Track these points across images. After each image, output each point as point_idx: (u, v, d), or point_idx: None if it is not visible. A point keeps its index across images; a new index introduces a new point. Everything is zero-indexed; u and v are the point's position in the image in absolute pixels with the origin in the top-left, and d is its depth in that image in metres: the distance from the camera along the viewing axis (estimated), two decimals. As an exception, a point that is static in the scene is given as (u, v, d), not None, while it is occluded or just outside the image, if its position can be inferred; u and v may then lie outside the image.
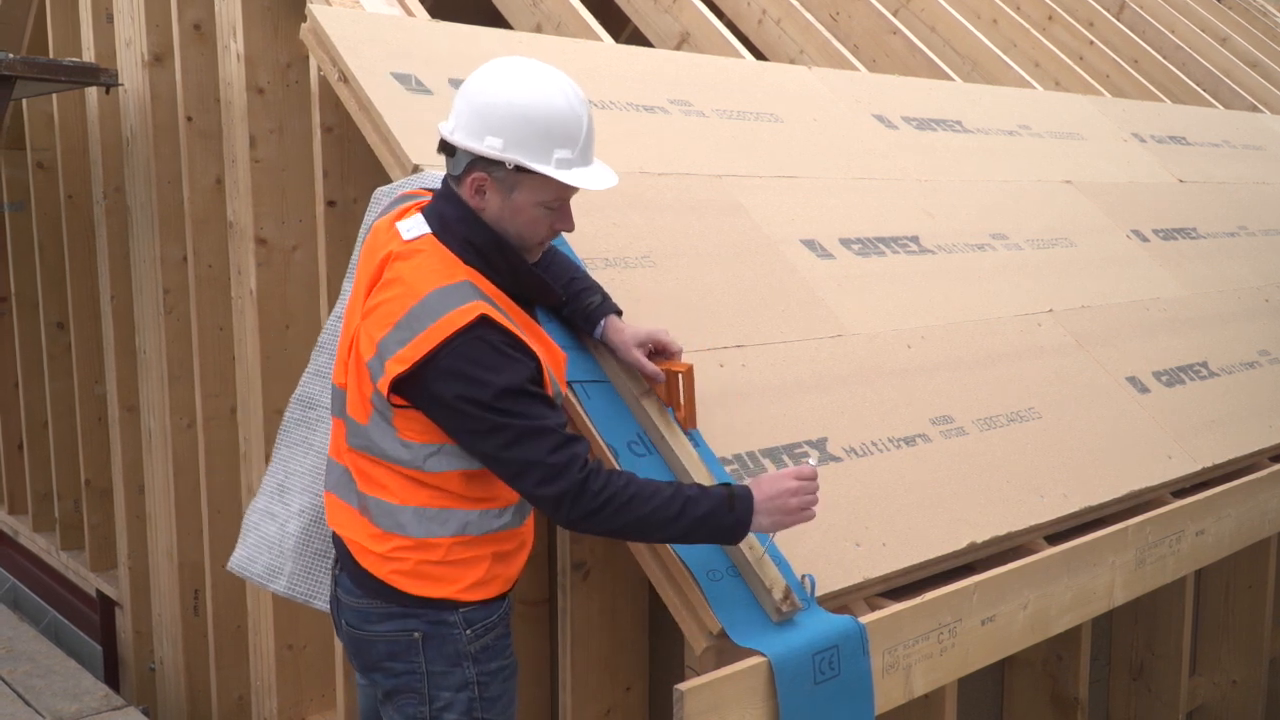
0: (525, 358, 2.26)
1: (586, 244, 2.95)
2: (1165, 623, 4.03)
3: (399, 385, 2.27)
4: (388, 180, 2.97)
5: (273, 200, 3.85)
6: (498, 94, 2.29)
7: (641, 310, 2.88)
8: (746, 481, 2.34)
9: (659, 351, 2.59)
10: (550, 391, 2.33)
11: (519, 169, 2.29)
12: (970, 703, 3.57)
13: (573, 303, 2.65)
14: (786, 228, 3.51)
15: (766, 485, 2.31)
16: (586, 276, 2.70)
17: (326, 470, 2.56)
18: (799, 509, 2.31)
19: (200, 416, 4.44)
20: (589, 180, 2.34)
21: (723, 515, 2.26)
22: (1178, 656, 4.01)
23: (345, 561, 2.50)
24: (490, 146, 2.28)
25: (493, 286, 2.34)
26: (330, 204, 3.47)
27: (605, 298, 2.66)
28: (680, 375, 2.55)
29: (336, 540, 2.53)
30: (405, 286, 2.30)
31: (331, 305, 3.48)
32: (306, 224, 3.83)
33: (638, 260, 3.03)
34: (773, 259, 3.35)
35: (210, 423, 4.43)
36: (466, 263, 2.33)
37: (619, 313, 2.65)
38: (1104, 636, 4.13)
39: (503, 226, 2.35)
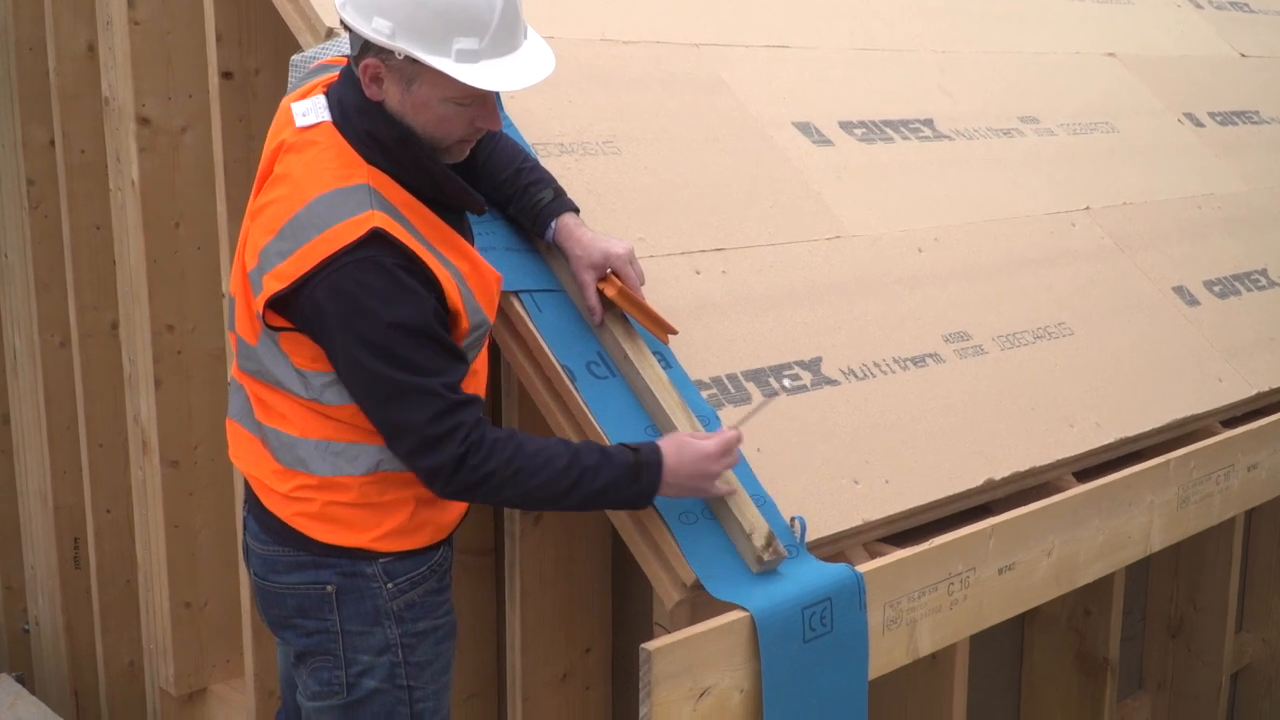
0: (425, 288, 2.23)
1: (537, 126, 2.91)
2: (1210, 571, 4.11)
3: (278, 304, 2.26)
4: (296, 48, 2.92)
5: (157, 71, 3.77)
6: None
7: (603, 207, 2.86)
8: (661, 441, 2.35)
9: (619, 277, 2.56)
10: (467, 323, 2.32)
11: (414, 59, 2.20)
12: (984, 664, 3.64)
13: (519, 199, 2.62)
14: (777, 108, 3.48)
15: (686, 452, 2.32)
16: (536, 166, 2.67)
17: (230, 395, 2.56)
18: (720, 472, 2.36)
19: (75, 333, 4.39)
20: (499, 77, 2.23)
21: (624, 487, 2.30)
22: (1223, 610, 4.10)
23: (251, 502, 2.52)
24: (377, 30, 2.19)
25: (401, 191, 2.29)
26: (226, 76, 3.39)
27: (558, 193, 2.63)
28: (613, 299, 2.53)
29: (244, 478, 2.54)
30: (292, 186, 2.27)
31: (231, 196, 3.44)
32: (198, 100, 3.76)
33: (599, 146, 3.01)
34: (760, 145, 3.33)
35: (88, 340, 4.38)
36: (368, 160, 2.28)
37: (576, 210, 2.63)
38: (1139, 588, 4.22)
39: (408, 122, 2.28)
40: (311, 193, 2.25)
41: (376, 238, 2.20)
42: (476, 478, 2.25)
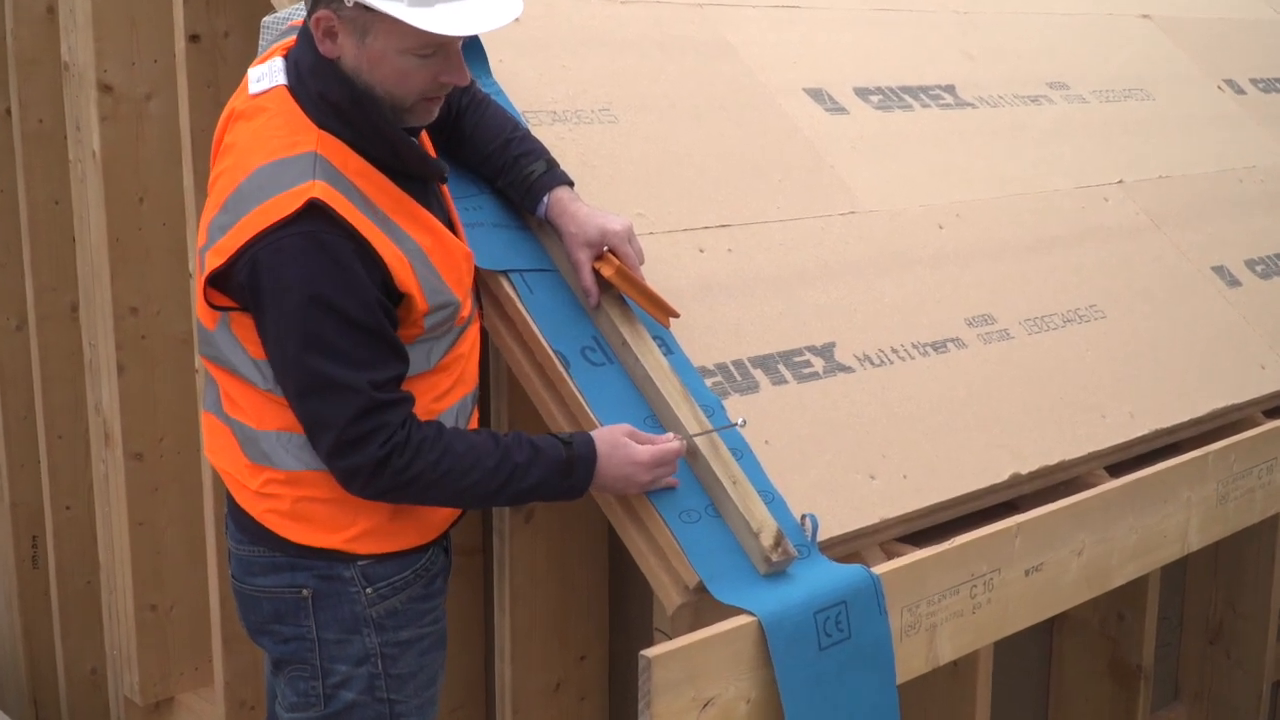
0: (367, 270, 2.21)
1: (527, 93, 2.90)
2: (1251, 573, 4.11)
3: (218, 281, 2.26)
4: (268, 9, 2.90)
5: (120, 35, 3.77)
6: None
7: (599, 180, 2.84)
8: (598, 434, 2.36)
9: (616, 255, 2.54)
10: (424, 305, 2.30)
11: (365, 6, 2.18)
12: (1009, 672, 3.64)
13: (509, 171, 2.61)
14: (787, 73, 3.47)
15: (617, 454, 2.32)
16: (527, 136, 2.66)
17: (205, 384, 2.56)
18: (650, 483, 2.36)
19: (32, 315, 4.39)
20: (456, 21, 2.18)
21: (556, 483, 2.32)
22: (1265, 614, 4.10)
23: (228, 500, 2.53)
24: None
25: (357, 158, 2.27)
26: (193, 39, 3.39)
27: (551, 165, 2.62)
28: (610, 279, 2.52)
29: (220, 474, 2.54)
30: (238, 156, 2.27)
31: (198, 169, 3.43)
32: (163, 65, 3.76)
33: (594, 114, 2.99)
34: (769, 114, 3.32)
35: (45, 323, 4.38)
36: (321, 125, 2.27)
37: (570, 184, 2.62)
38: (1175, 591, 4.21)
39: (364, 80, 2.26)
40: (255, 162, 2.25)
41: (315, 210, 2.18)
42: (401, 481, 2.25)
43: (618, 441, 2.34)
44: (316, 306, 2.18)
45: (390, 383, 2.26)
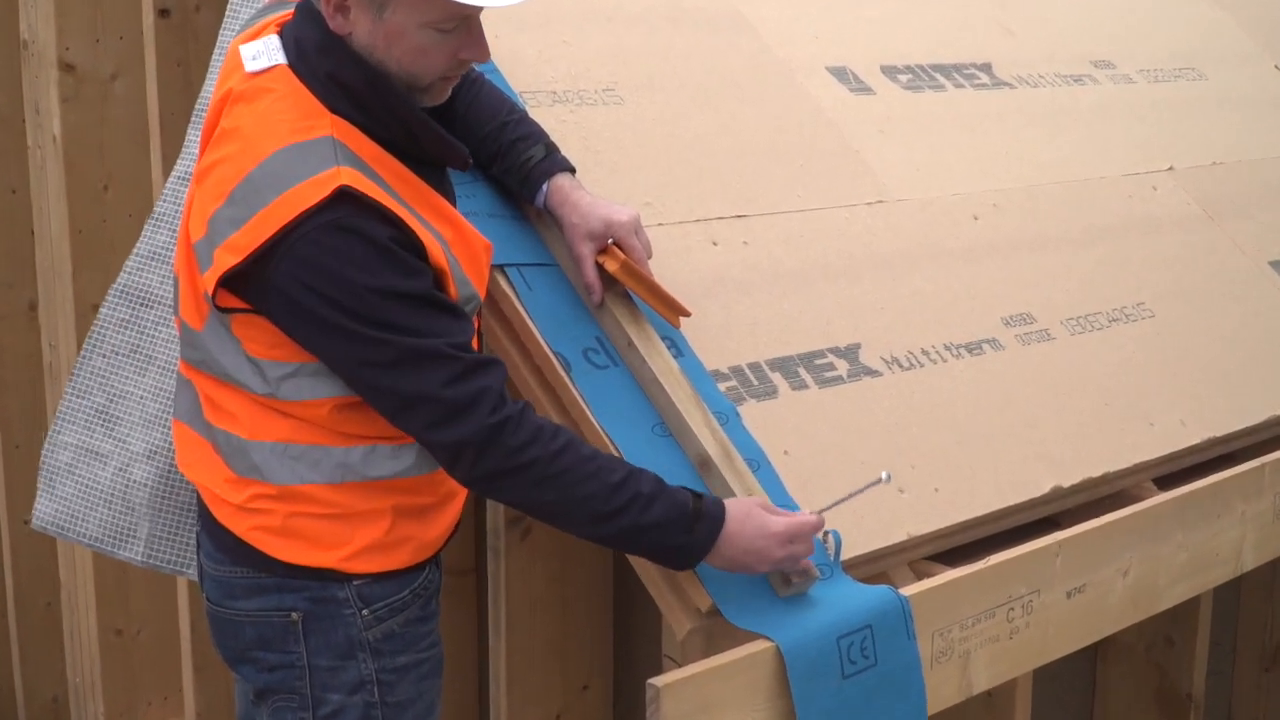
0: (408, 253, 2.21)
1: (526, 71, 2.90)
2: (1312, 594, 4.11)
3: (232, 281, 2.24)
4: (244, -21, 2.91)
5: (83, 9, 3.79)
6: None
7: (603, 166, 2.84)
8: (730, 500, 2.31)
9: (621, 248, 2.54)
10: (456, 295, 2.30)
11: None
12: (1050, 701, 3.64)
13: (505, 157, 2.61)
14: (808, 49, 3.47)
15: (751, 523, 2.26)
16: (525, 119, 2.66)
17: (176, 391, 2.55)
18: (783, 561, 2.29)
19: (-12, 314, 4.41)
20: None
21: (674, 533, 2.25)
22: (1327, 639, 4.11)
23: (204, 516, 2.51)
24: None
25: (371, 144, 2.27)
26: (162, 14, 3.39)
27: (551, 150, 2.62)
28: (615, 274, 2.52)
29: (194, 488, 2.53)
30: (243, 142, 2.26)
31: (167, 155, 3.43)
32: (130, 42, 3.77)
33: (598, 95, 2.99)
34: (788, 94, 3.32)
35: (2, 323, 4.41)
36: (332, 109, 2.26)
37: (571, 170, 2.62)
38: (1228, 614, 4.21)
39: (379, 58, 2.26)
40: (265, 149, 2.23)
41: (344, 196, 2.18)
42: (512, 464, 2.20)
43: (751, 511, 2.28)
44: (370, 292, 2.17)
45: (468, 346, 2.24)
